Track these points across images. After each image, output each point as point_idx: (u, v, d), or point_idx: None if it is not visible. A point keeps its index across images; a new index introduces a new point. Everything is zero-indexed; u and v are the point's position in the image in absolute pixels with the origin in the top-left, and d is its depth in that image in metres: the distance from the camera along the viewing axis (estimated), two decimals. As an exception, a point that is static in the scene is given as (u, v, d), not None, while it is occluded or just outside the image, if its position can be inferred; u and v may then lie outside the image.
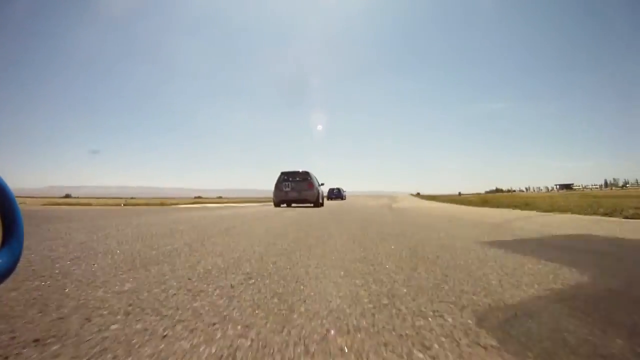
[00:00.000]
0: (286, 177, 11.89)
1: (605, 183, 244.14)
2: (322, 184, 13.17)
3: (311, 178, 11.94)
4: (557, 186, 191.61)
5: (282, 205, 11.61)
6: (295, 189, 11.59)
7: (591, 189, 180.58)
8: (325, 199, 16.45)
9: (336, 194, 31.54)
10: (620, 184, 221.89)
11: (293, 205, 11.89)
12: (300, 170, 12.16)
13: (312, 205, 11.76)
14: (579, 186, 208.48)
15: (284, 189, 11.60)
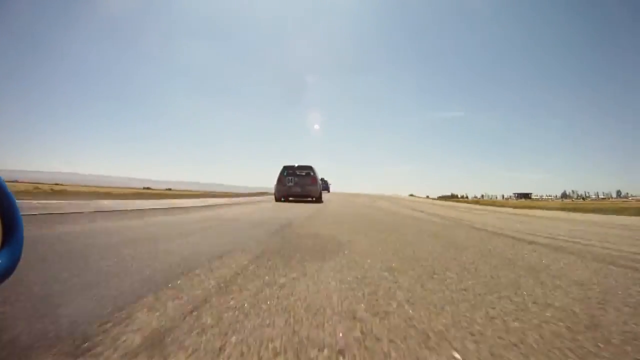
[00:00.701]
0: (290, 171, 11.68)
1: (564, 194, 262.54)
2: (322, 179, 13.17)
3: (314, 173, 11.82)
4: (515, 195, 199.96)
5: (282, 200, 11.42)
6: (299, 183, 11.46)
7: (553, 199, 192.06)
8: None
9: (323, 186, 29.39)
10: (580, 195, 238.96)
11: (290, 199, 11.65)
12: (304, 165, 11.95)
13: (313, 200, 11.59)
14: (537, 196, 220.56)
15: (287, 183, 11.43)
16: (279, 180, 11.46)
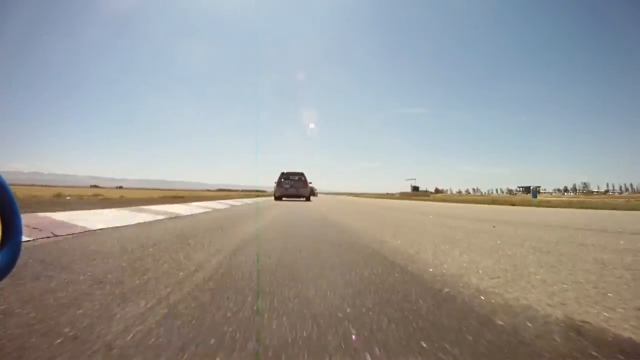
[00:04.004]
0: (286, 177, 15.03)
1: (565, 189, 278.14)
2: (311, 183, 15.91)
3: (305, 178, 15.19)
4: (521, 188, 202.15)
5: (283, 199, 14.77)
6: (294, 186, 14.74)
7: (553, 194, 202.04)
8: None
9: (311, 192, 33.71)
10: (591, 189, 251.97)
11: (283, 199, 14.95)
12: (296, 171, 15.28)
13: (304, 199, 14.92)
14: (546, 190, 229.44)
15: (284, 185, 14.76)
16: (278, 183, 14.91)
